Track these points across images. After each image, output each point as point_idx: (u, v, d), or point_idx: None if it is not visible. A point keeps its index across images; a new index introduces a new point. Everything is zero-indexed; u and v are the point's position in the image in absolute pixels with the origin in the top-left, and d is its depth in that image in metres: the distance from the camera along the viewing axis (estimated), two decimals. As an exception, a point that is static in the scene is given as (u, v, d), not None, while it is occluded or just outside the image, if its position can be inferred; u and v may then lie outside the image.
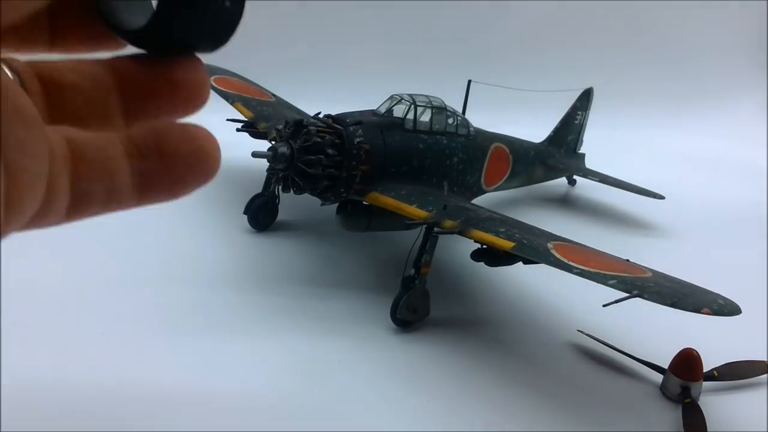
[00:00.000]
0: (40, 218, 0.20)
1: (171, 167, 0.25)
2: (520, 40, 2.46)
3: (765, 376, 0.81)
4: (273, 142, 0.90)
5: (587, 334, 0.88)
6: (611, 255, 0.81)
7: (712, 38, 2.55)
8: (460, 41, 2.41)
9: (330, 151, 0.89)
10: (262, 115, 1.19)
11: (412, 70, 2.22)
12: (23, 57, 0.22)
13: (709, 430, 0.69)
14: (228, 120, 1.12)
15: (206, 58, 0.30)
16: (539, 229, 0.89)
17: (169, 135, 0.25)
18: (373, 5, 2.31)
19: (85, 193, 0.21)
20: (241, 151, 0.87)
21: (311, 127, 0.89)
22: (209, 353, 0.80)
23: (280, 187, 0.94)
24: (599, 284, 0.69)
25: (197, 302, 0.90)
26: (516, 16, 2.45)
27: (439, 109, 1.07)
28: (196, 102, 0.26)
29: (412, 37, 2.37)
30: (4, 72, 0.18)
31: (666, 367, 0.78)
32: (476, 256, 0.89)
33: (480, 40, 2.42)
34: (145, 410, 0.69)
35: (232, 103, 1.23)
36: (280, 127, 0.91)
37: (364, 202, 0.97)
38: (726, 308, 0.64)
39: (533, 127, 1.59)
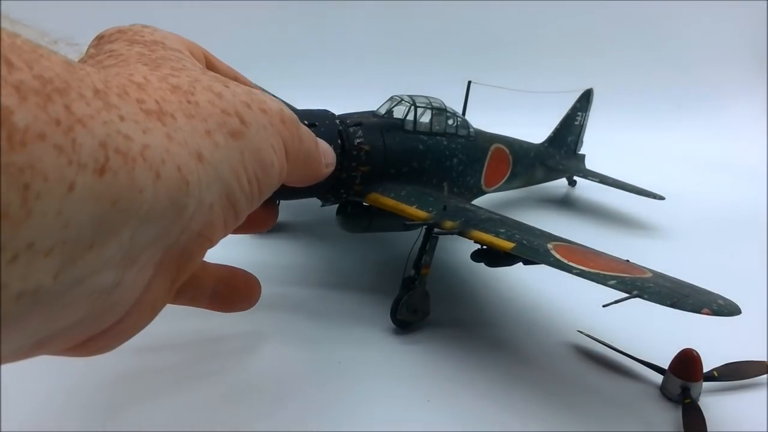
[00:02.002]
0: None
1: (233, 296, 0.45)
2: (520, 41, 2.47)
3: (765, 376, 0.81)
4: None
5: (587, 335, 0.88)
6: (611, 255, 0.81)
7: (712, 39, 2.55)
8: (460, 42, 2.41)
9: (330, 152, 0.90)
10: None
11: (412, 71, 2.22)
12: None
13: (709, 430, 0.69)
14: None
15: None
16: (539, 229, 0.89)
17: (238, 277, 0.46)
18: (372, 6, 2.31)
19: (180, 294, 0.35)
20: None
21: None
22: (206, 353, 0.81)
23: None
24: (599, 285, 0.69)
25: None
26: (516, 16, 2.46)
27: (439, 110, 1.07)
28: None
29: (412, 38, 2.37)
30: None
31: (666, 367, 0.78)
32: (476, 256, 0.90)
33: (480, 40, 2.43)
34: (140, 407, 0.69)
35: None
36: None
37: (364, 203, 0.98)
38: (726, 308, 0.64)
39: (533, 128, 1.60)
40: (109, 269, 0.24)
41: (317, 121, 0.87)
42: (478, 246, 0.88)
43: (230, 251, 1.09)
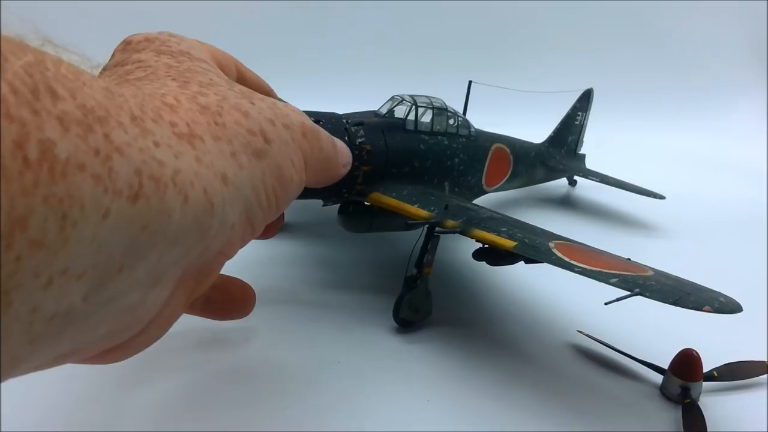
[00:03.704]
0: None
1: (227, 304, 0.44)
2: (520, 41, 2.47)
3: (765, 376, 0.82)
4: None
5: (587, 335, 0.88)
6: (612, 254, 0.81)
7: (712, 39, 2.55)
8: (461, 42, 2.41)
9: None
10: None
11: (413, 71, 2.22)
12: None
13: (709, 430, 0.69)
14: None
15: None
16: (540, 228, 0.89)
17: (234, 285, 0.45)
18: (374, 6, 2.31)
19: None
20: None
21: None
22: (205, 351, 0.81)
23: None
24: (600, 284, 0.69)
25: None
26: (517, 17, 2.46)
27: (440, 110, 1.07)
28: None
29: (413, 38, 2.37)
30: None
31: (666, 367, 0.79)
32: (478, 255, 0.90)
33: (481, 41, 2.43)
34: (142, 413, 0.69)
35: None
36: None
37: (366, 203, 0.98)
38: (727, 306, 0.64)
39: (534, 127, 1.60)
40: (135, 290, 0.24)
41: (323, 119, 0.87)
42: (480, 245, 0.88)
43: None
